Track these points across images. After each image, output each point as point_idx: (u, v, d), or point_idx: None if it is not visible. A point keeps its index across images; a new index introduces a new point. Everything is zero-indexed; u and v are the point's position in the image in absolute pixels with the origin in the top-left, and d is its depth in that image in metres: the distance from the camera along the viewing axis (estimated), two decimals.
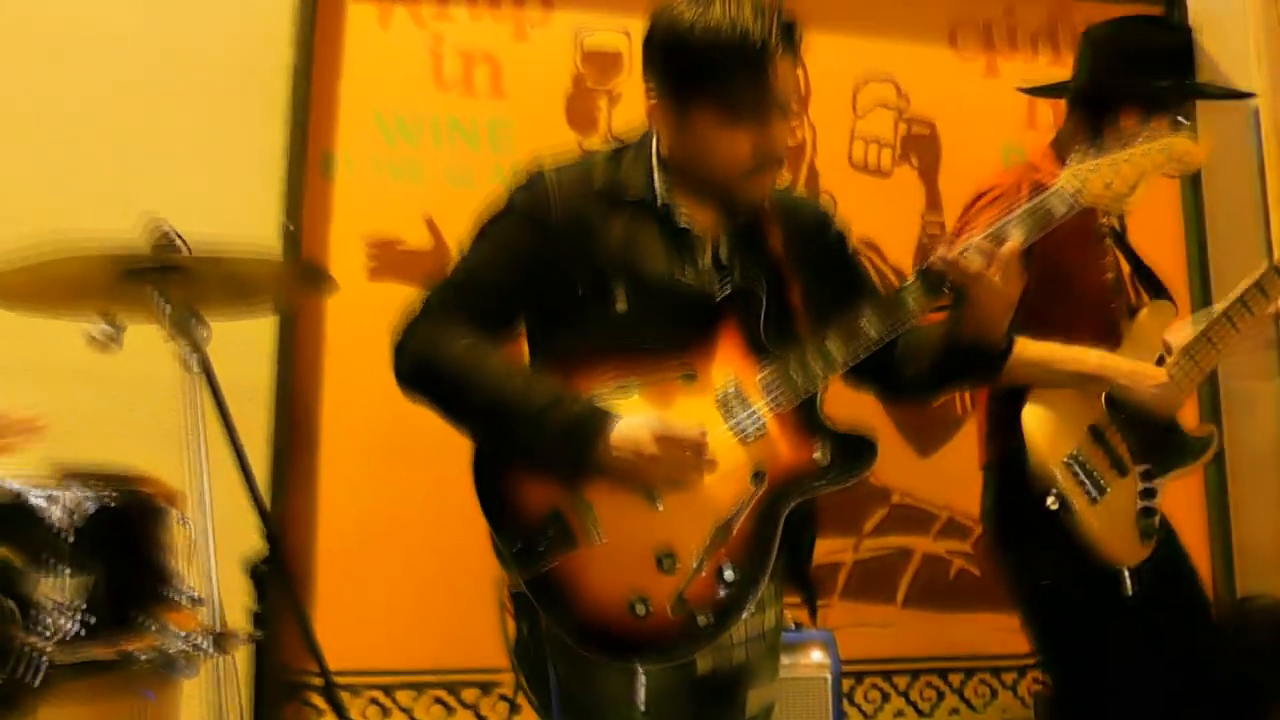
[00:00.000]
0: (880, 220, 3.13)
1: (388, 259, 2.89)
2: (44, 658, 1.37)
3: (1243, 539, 3.21)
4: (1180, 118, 2.23)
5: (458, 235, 2.79)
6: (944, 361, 1.71)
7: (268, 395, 2.73)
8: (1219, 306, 2.30)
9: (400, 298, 2.72)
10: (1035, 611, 2.27)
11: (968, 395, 3.07)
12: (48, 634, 1.40)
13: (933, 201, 3.19)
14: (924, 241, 3.14)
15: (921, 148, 3.22)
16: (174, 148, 2.81)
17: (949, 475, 3.02)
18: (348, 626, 2.64)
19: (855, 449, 1.61)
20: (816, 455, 1.59)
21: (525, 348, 1.72)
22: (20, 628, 1.38)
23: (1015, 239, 1.62)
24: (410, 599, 2.72)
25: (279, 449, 2.71)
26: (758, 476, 1.57)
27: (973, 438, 2.54)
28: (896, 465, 3.02)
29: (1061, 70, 3.22)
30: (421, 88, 2.97)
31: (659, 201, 1.66)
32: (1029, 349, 2.11)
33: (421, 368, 1.63)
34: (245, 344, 2.55)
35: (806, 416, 1.61)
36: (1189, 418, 2.41)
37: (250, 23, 2.89)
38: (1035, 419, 2.13)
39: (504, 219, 1.68)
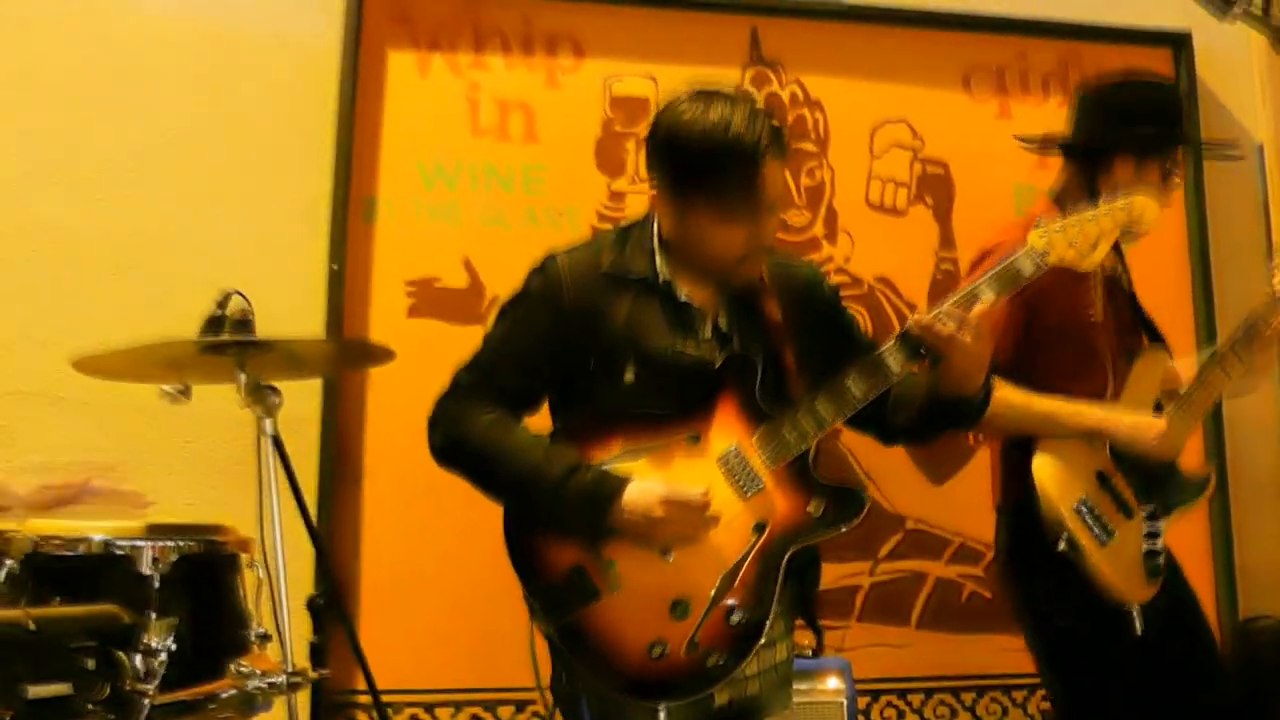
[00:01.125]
0: (896, 258, 3.27)
1: (426, 297, 3.04)
2: (146, 700, 1.53)
3: (1245, 562, 3.30)
4: (1171, 167, 2.38)
5: (493, 274, 3.01)
6: (928, 412, 1.86)
7: (315, 428, 2.89)
8: (1214, 350, 2.42)
9: (438, 334, 2.96)
10: (1049, 650, 2.36)
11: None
12: (147, 678, 1.56)
13: (946, 240, 3.31)
14: (938, 278, 3.27)
15: (936, 187, 3.34)
16: (224, 194, 2.99)
17: (960, 503, 3.15)
18: (390, 649, 2.78)
19: (846, 501, 1.77)
20: (810, 508, 1.75)
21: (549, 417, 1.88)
22: (130, 675, 1.55)
23: (985, 300, 1.76)
24: (448, 622, 2.87)
25: (325, 481, 2.86)
26: (758, 528, 1.74)
27: (983, 467, 2.67)
28: (910, 493, 3.15)
29: None
30: (459, 134, 3.13)
31: (660, 279, 1.82)
32: (1036, 404, 2.25)
33: (452, 444, 1.80)
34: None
35: (800, 472, 1.77)
36: (1194, 445, 2.53)
37: (296, 72, 3.06)
38: (1044, 467, 2.23)
39: (522, 303, 1.85)
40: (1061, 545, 2.19)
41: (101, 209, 2.92)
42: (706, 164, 1.71)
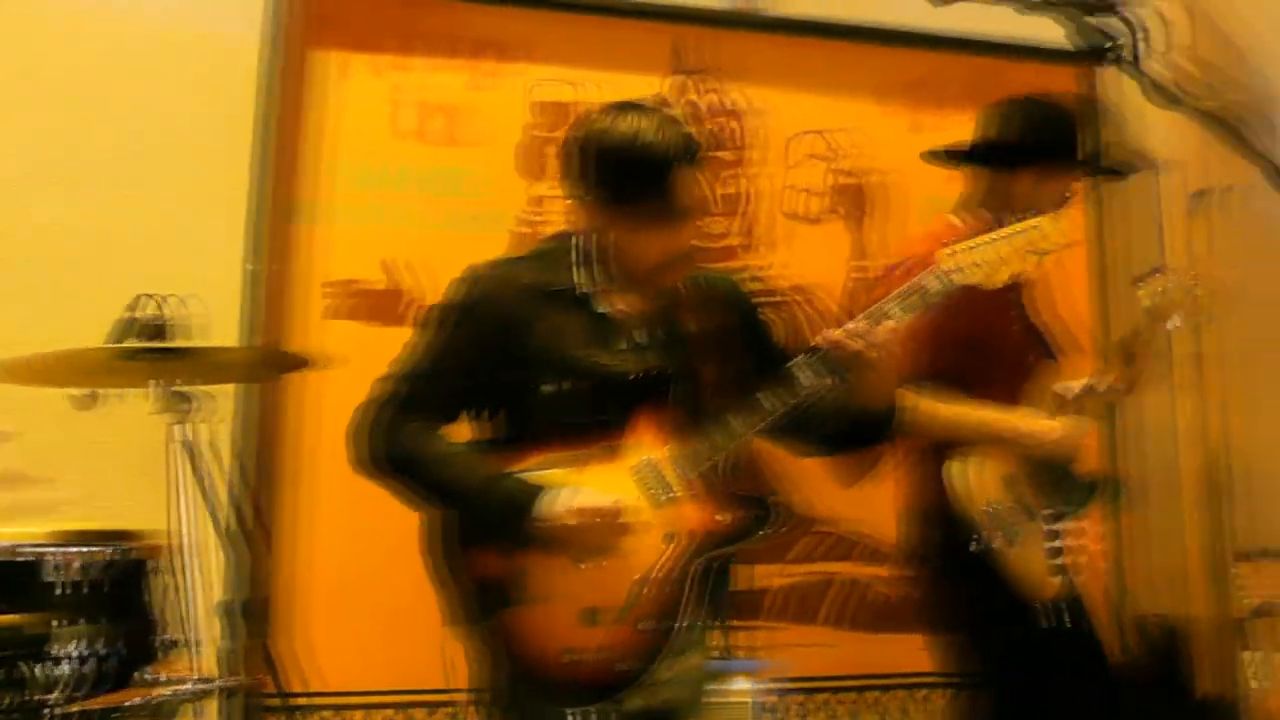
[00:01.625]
0: (810, 267, 3.34)
1: (345, 299, 3.04)
2: (51, 711, 1.53)
3: (1139, 562, 3.45)
4: (1069, 184, 2.50)
5: (412, 276, 3.02)
6: (839, 426, 1.93)
7: (229, 426, 2.86)
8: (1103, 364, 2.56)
9: (358, 335, 2.95)
10: (965, 645, 2.47)
11: None
12: (53, 689, 1.56)
13: (859, 250, 3.40)
14: (851, 287, 3.36)
15: (849, 198, 3.42)
16: (141, 193, 2.94)
17: (868, 505, 3.21)
18: (306, 652, 2.76)
19: (757, 511, 1.84)
20: (721, 519, 1.81)
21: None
22: (35, 686, 1.54)
23: (894, 318, 1.82)
24: (364, 625, 2.87)
25: (242, 483, 2.84)
26: (668, 537, 1.78)
27: (890, 471, 2.77)
28: (820, 495, 3.22)
29: None
30: (379, 136, 3.12)
31: (580, 292, 1.86)
32: (943, 412, 2.36)
33: (373, 455, 1.83)
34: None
35: (714, 482, 1.83)
36: (1090, 451, 2.66)
37: (215, 71, 3.02)
38: (957, 472, 2.35)
39: (443, 315, 1.89)
40: (974, 546, 2.30)
41: (13, 207, 2.86)
42: (619, 173, 1.77)
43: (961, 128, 3.48)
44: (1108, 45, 1.14)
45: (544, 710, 1.74)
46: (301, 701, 2.67)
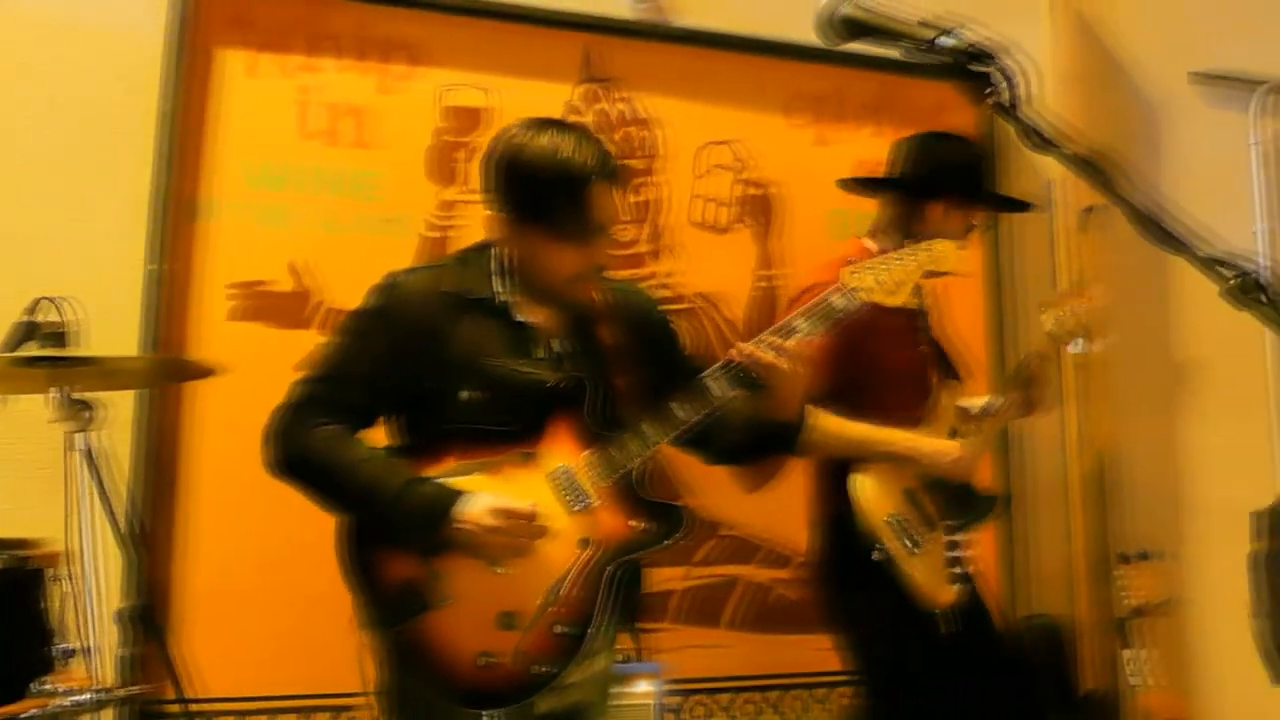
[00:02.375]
0: (717, 275, 3.40)
1: (250, 300, 3.00)
2: None
3: (1027, 565, 3.59)
4: (973, 218, 2.63)
5: (320, 278, 3.00)
6: (748, 437, 1.99)
7: (129, 431, 2.82)
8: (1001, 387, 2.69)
9: (261, 338, 2.92)
10: (864, 649, 2.59)
11: None
12: None
13: (765, 259, 3.47)
14: (756, 296, 3.43)
15: (756, 208, 3.49)
16: (40, 190, 2.87)
17: (771, 510, 3.27)
18: (208, 657, 2.73)
19: (668, 517, 1.88)
20: (635, 524, 1.85)
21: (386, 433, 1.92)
22: None
23: (802, 332, 1.89)
24: (267, 630, 2.84)
25: (141, 487, 2.80)
26: (584, 543, 1.82)
27: (793, 477, 2.84)
28: (725, 500, 3.28)
29: (883, 143, 3.54)
30: (287, 136, 3.09)
31: (499, 300, 1.89)
32: (850, 430, 2.46)
33: (290, 458, 1.83)
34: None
35: (627, 490, 1.87)
36: (987, 464, 2.78)
37: (117, 67, 2.96)
38: (861, 484, 2.46)
39: (362, 320, 1.90)
40: (876, 554, 2.39)
41: None
42: (536, 187, 1.80)
43: (864, 143, 3.63)
44: (987, 91, 1.20)
45: (456, 713, 1.75)
46: (202, 708, 2.63)
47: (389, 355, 1.85)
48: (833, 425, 2.45)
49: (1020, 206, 2.79)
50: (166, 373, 2.69)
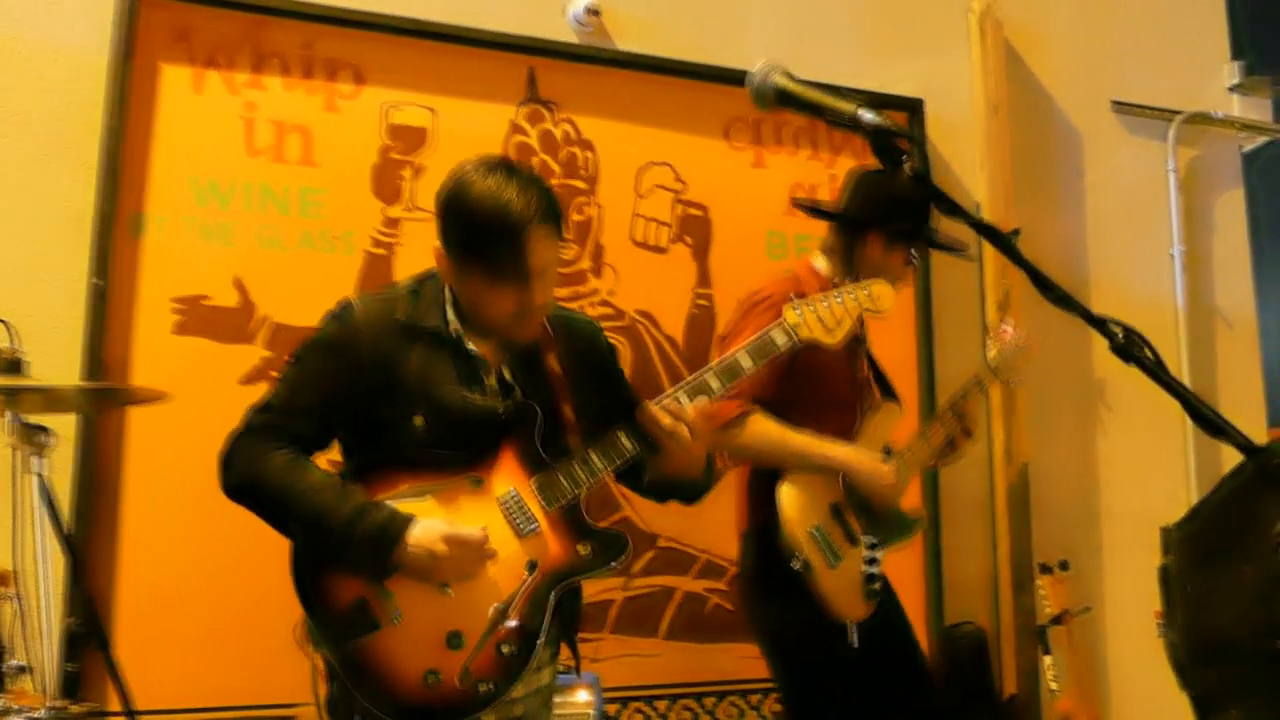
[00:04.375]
0: (656, 293, 3.49)
1: (194, 315, 3.03)
2: None
3: (952, 575, 3.72)
4: (913, 252, 2.74)
5: (264, 294, 3.04)
6: (659, 482, 2.06)
7: (71, 445, 2.83)
8: (934, 414, 2.82)
9: (206, 352, 2.94)
10: (776, 657, 2.70)
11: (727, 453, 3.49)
12: None
13: (704, 278, 3.56)
14: (694, 313, 3.52)
15: (695, 228, 3.58)
16: None
17: (709, 523, 3.33)
18: (154, 669, 2.77)
19: (613, 544, 1.95)
20: (580, 549, 1.92)
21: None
22: None
23: (714, 391, 1.96)
24: (213, 641, 2.87)
25: (82, 502, 2.81)
26: (531, 566, 1.89)
27: (731, 491, 2.93)
28: (663, 513, 3.31)
29: (818, 165, 3.71)
30: (233, 153, 3.11)
31: (451, 330, 1.94)
32: (790, 439, 2.55)
33: (246, 483, 1.87)
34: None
35: (573, 515, 1.94)
36: (911, 488, 2.89)
37: (63, 82, 2.97)
38: (788, 494, 2.54)
39: (317, 348, 1.94)
40: (796, 564, 2.48)
41: None
42: (475, 229, 1.84)
43: (801, 166, 3.75)
44: (903, 158, 1.31)
45: None
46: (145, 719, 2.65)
47: (343, 386, 1.89)
48: (774, 431, 2.54)
49: (953, 250, 2.89)
50: (114, 401, 2.69)
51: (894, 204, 2.70)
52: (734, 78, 3.59)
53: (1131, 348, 1.24)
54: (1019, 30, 4.14)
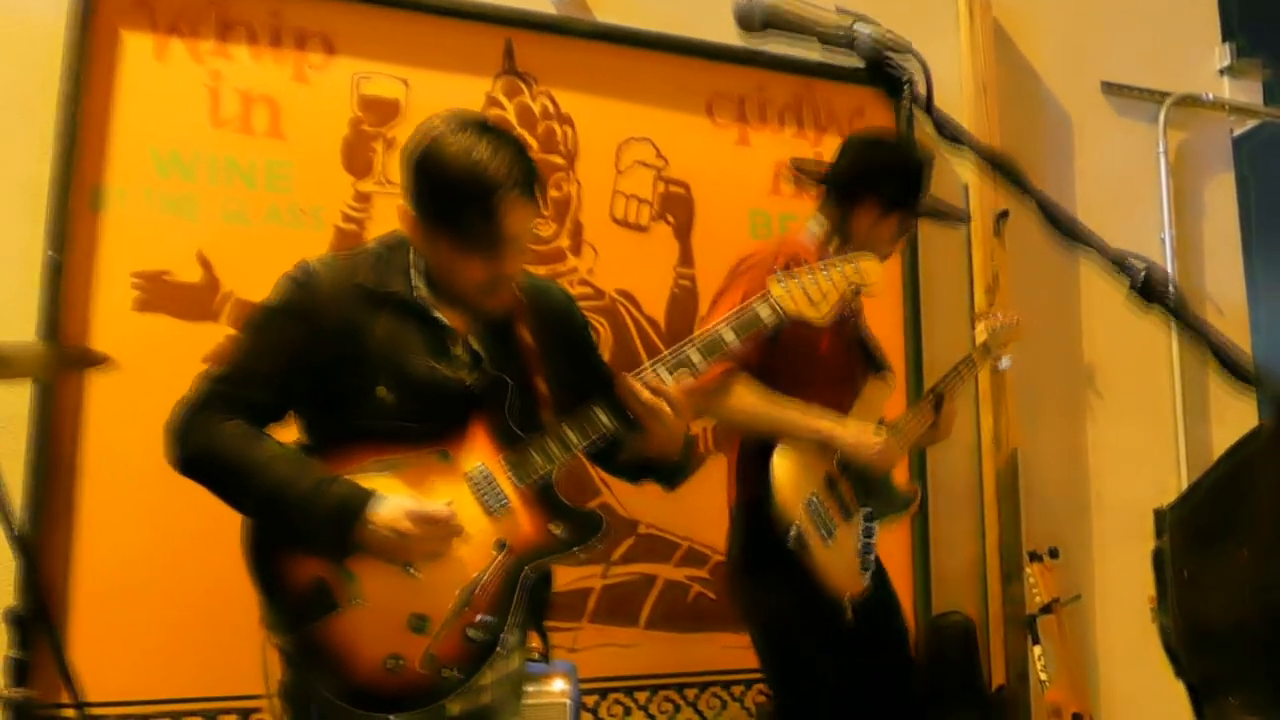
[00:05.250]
0: (637, 273, 3.38)
1: (156, 291, 2.91)
2: None
3: (940, 564, 3.64)
4: (905, 224, 2.65)
5: (229, 270, 2.93)
6: (635, 462, 1.96)
7: (25, 425, 2.72)
8: (930, 378, 2.73)
9: (168, 329, 2.83)
10: (767, 634, 2.59)
11: (710, 437, 3.40)
12: None
13: (685, 257, 3.46)
14: (676, 293, 3.42)
15: (677, 206, 3.48)
16: None
17: (691, 508, 3.26)
18: (107, 659, 2.67)
19: (588, 524, 1.84)
20: (552, 528, 1.82)
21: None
22: None
23: (697, 367, 1.85)
24: (170, 630, 2.76)
25: (36, 483, 2.70)
26: (500, 546, 1.78)
27: (713, 476, 2.83)
28: (644, 499, 3.24)
29: (804, 144, 3.62)
30: (197, 124, 3.00)
31: (416, 297, 1.82)
32: (777, 408, 2.46)
33: (196, 456, 1.76)
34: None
35: (545, 493, 1.83)
36: (902, 462, 2.81)
37: (18, 48, 2.85)
38: (781, 465, 2.44)
39: (273, 312, 1.82)
40: (792, 536, 2.38)
41: None
42: (444, 192, 1.72)
43: (786, 144, 3.65)
44: (905, 81, 1.21)
45: (362, 717, 1.70)
46: (100, 711, 2.54)
47: (300, 352, 1.78)
48: (761, 398, 2.45)
49: (949, 219, 2.81)
50: (66, 360, 2.57)
51: (887, 170, 2.62)
52: (717, 53, 3.55)
53: (1154, 286, 1.13)
54: (1008, 10, 4.06)
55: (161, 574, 2.78)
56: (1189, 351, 4.14)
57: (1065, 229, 1.18)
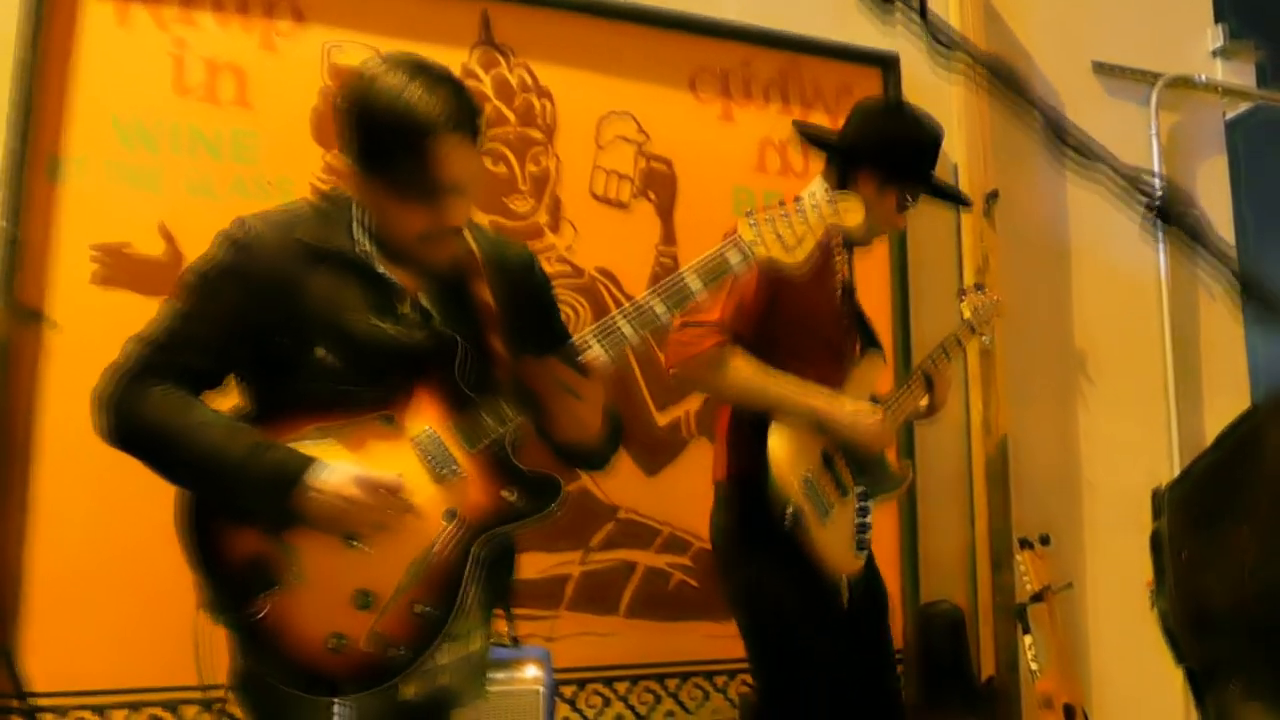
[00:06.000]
0: (617, 251, 3.28)
1: (116, 265, 2.80)
2: None
3: (928, 551, 3.55)
4: (908, 199, 2.54)
5: (194, 243, 2.81)
6: (556, 447, 1.83)
7: None
8: (919, 358, 2.64)
9: (128, 304, 2.72)
10: (757, 618, 2.47)
11: (692, 420, 3.30)
12: None
13: (668, 236, 3.36)
14: (658, 273, 3.32)
15: (659, 183, 3.38)
16: None
17: (672, 494, 3.21)
18: (62, 647, 2.58)
19: (543, 488, 1.72)
20: (505, 494, 1.70)
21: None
22: None
23: (601, 349, 1.70)
24: (129, 616, 2.65)
25: None
26: (450, 515, 1.67)
27: (695, 460, 2.73)
28: (624, 483, 3.17)
29: (789, 120, 3.52)
30: (161, 93, 2.89)
31: (360, 251, 1.72)
32: (771, 382, 2.35)
33: (123, 422, 1.66)
34: None
35: (499, 458, 1.72)
36: (889, 451, 2.72)
37: None
38: (780, 440, 2.33)
39: (208, 272, 1.72)
40: (789, 513, 2.29)
41: None
42: (377, 135, 1.62)
43: (770, 120, 3.56)
44: None
45: (305, 701, 1.60)
46: (49, 702, 2.44)
47: (238, 314, 1.68)
48: (755, 373, 2.35)
49: (950, 197, 2.71)
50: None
51: (893, 141, 2.51)
52: (702, 26, 3.45)
53: (1174, 207, 1.03)
54: None
55: (120, 558, 2.68)
56: (1181, 335, 4.07)
57: (1076, 146, 1.09)
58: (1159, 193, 1.04)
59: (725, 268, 1.77)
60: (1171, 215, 1.02)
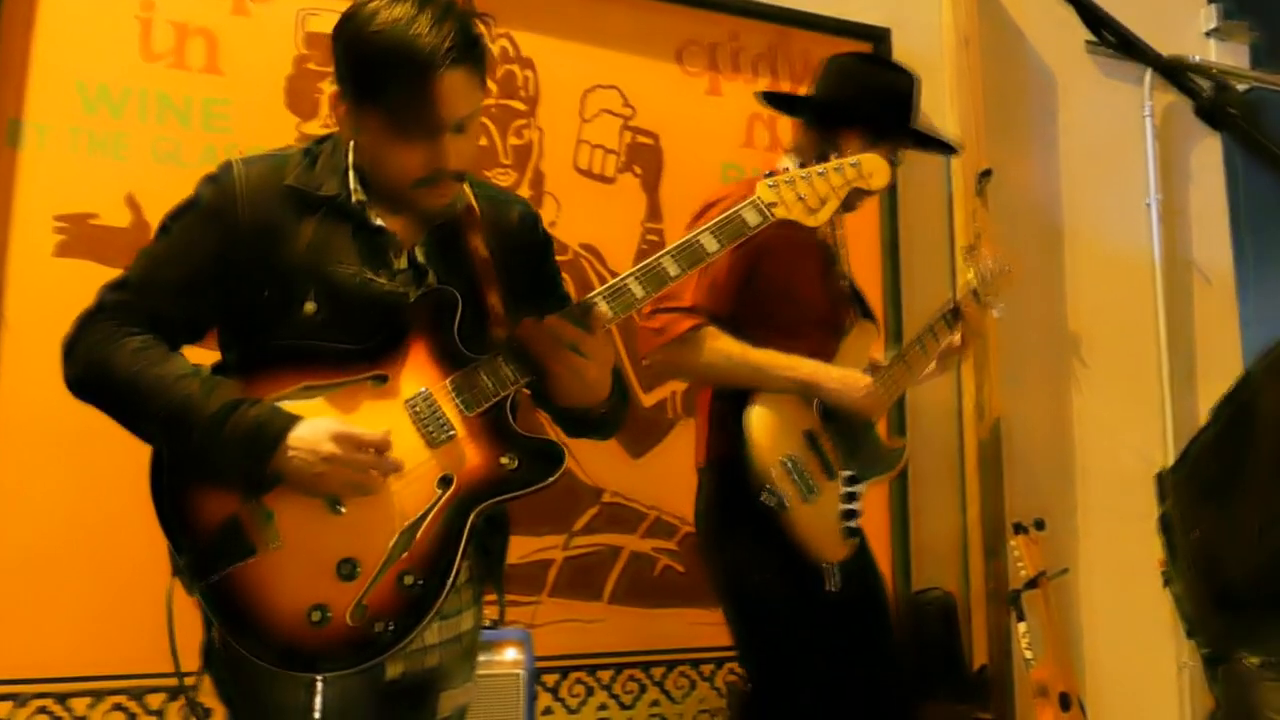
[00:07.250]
0: (602, 226, 3.19)
1: (80, 235, 2.69)
2: None
3: (920, 538, 3.48)
4: (895, 153, 2.43)
5: (161, 214, 2.69)
6: (559, 414, 1.74)
7: None
8: (912, 335, 2.53)
9: (92, 276, 2.60)
10: (741, 605, 2.37)
11: (678, 401, 3.21)
12: None
13: (654, 211, 3.27)
14: (644, 249, 3.23)
15: (645, 157, 3.29)
16: None
17: (658, 477, 3.12)
18: (20, 632, 2.47)
19: (544, 456, 1.61)
20: (504, 460, 1.59)
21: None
22: None
23: (607, 306, 1.62)
24: (92, 601, 2.54)
25: None
26: (444, 481, 1.56)
27: (682, 441, 2.63)
28: (608, 466, 3.08)
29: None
30: (127, 56, 2.77)
31: (353, 199, 1.61)
32: (751, 355, 2.26)
33: (92, 373, 1.54)
34: None
35: (497, 422, 1.61)
36: (882, 428, 2.62)
37: None
38: (758, 420, 2.23)
39: (188, 214, 1.60)
40: (765, 497, 2.18)
41: None
42: (377, 68, 1.51)
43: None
44: None
45: (284, 678, 1.49)
46: (1, 690, 2.33)
47: (218, 257, 1.56)
48: (734, 349, 2.25)
49: (944, 148, 2.61)
50: None
51: (877, 94, 2.41)
52: None
53: (1223, 107, 0.93)
54: None
55: (82, 542, 2.57)
56: (1176, 318, 4.01)
57: (1116, 33, 0.99)
58: (1205, 93, 0.94)
59: (744, 228, 1.68)
60: (1219, 118, 0.92)
